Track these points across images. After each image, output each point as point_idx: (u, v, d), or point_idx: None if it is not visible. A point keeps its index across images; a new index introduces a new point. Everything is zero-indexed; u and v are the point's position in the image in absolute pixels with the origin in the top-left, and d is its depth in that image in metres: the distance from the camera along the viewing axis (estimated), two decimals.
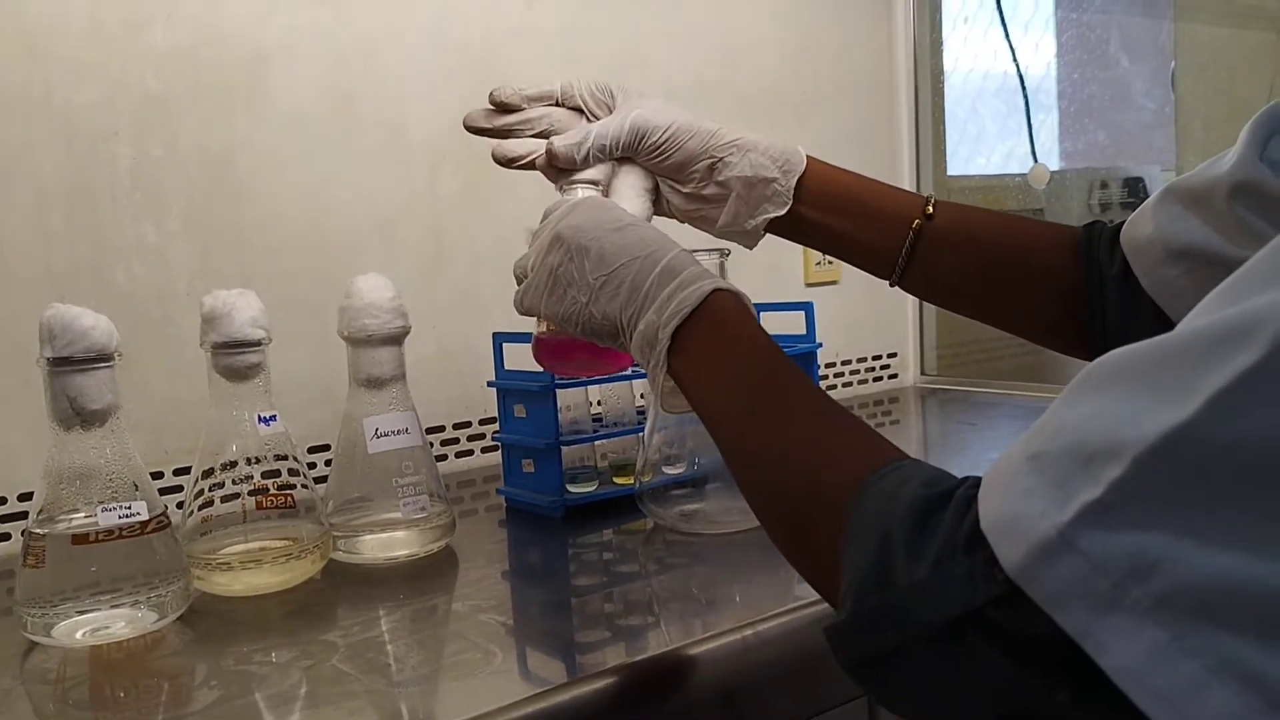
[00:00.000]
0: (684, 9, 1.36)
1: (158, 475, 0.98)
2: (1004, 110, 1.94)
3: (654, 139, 0.70)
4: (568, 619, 0.76)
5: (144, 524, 0.71)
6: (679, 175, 0.72)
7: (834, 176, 0.72)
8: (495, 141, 0.73)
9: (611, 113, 0.72)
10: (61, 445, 0.71)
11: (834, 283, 1.55)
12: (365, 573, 0.84)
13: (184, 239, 1.02)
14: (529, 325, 0.70)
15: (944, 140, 1.72)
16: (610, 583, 0.82)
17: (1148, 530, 0.34)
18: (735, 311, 0.58)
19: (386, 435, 0.84)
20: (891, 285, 0.73)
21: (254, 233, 1.06)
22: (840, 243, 0.72)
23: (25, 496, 0.94)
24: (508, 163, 0.72)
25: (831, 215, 0.71)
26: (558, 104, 0.74)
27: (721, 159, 0.71)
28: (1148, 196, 1.96)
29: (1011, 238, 0.71)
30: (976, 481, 0.42)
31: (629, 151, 0.71)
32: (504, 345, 0.99)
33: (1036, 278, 0.70)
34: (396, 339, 0.85)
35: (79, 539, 0.70)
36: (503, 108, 0.73)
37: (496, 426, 1.03)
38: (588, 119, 0.73)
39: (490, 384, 1.00)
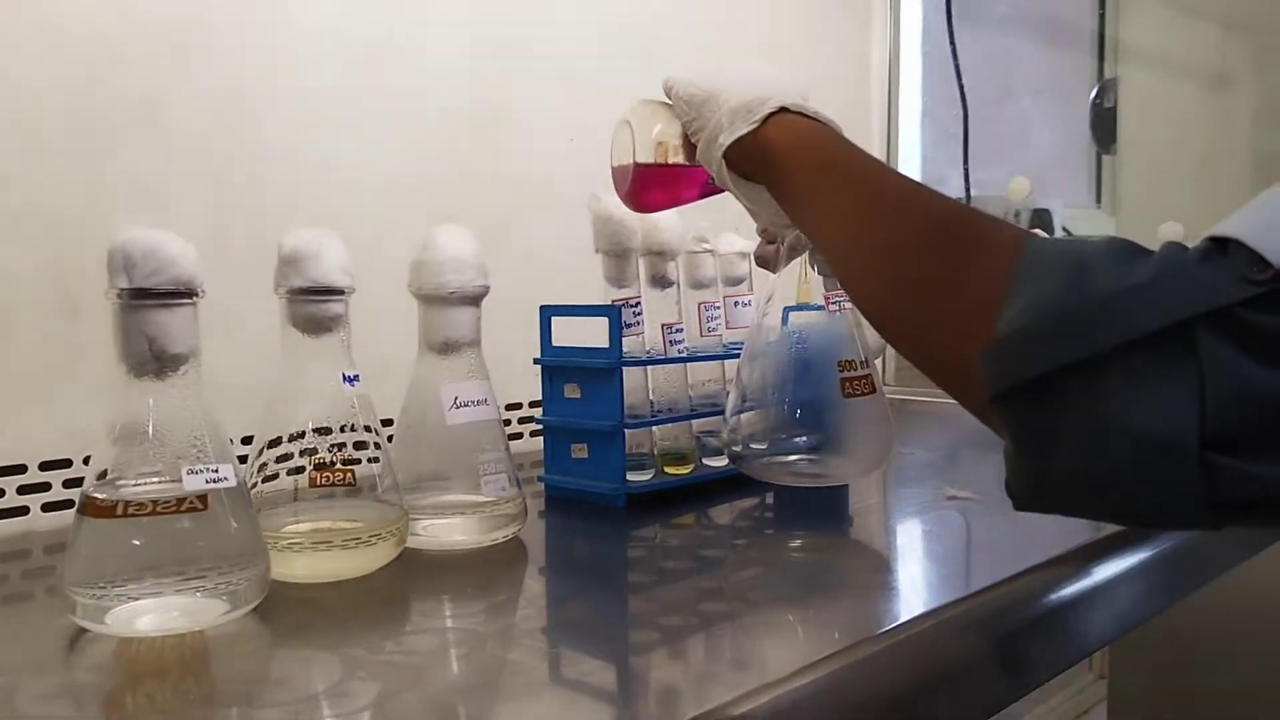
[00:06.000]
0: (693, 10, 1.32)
1: None
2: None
3: None
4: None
5: (231, 492, 0.60)
6: None
7: None
8: None
9: None
10: (130, 396, 0.59)
11: None
12: (431, 560, 0.74)
13: (195, 187, 0.90)
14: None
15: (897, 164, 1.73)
16: (699, 577, 0.74)
17: None
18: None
19: (467, 405, 0.74)
20: None
21: (269, 191, 0.94)
22: None
23: (49, 465, 0.83)
24: None
25: None
26: None
27: None
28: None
29: None
30: None
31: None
32: (552, 320, 0.91)
33: None
34: (477, 299, 0.76)
35: (156, 507, 0.58)
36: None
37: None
38: None
39: (538, 361, 0.92)
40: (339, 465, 0.68)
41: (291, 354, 0.68)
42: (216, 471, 0.59)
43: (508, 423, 1.12)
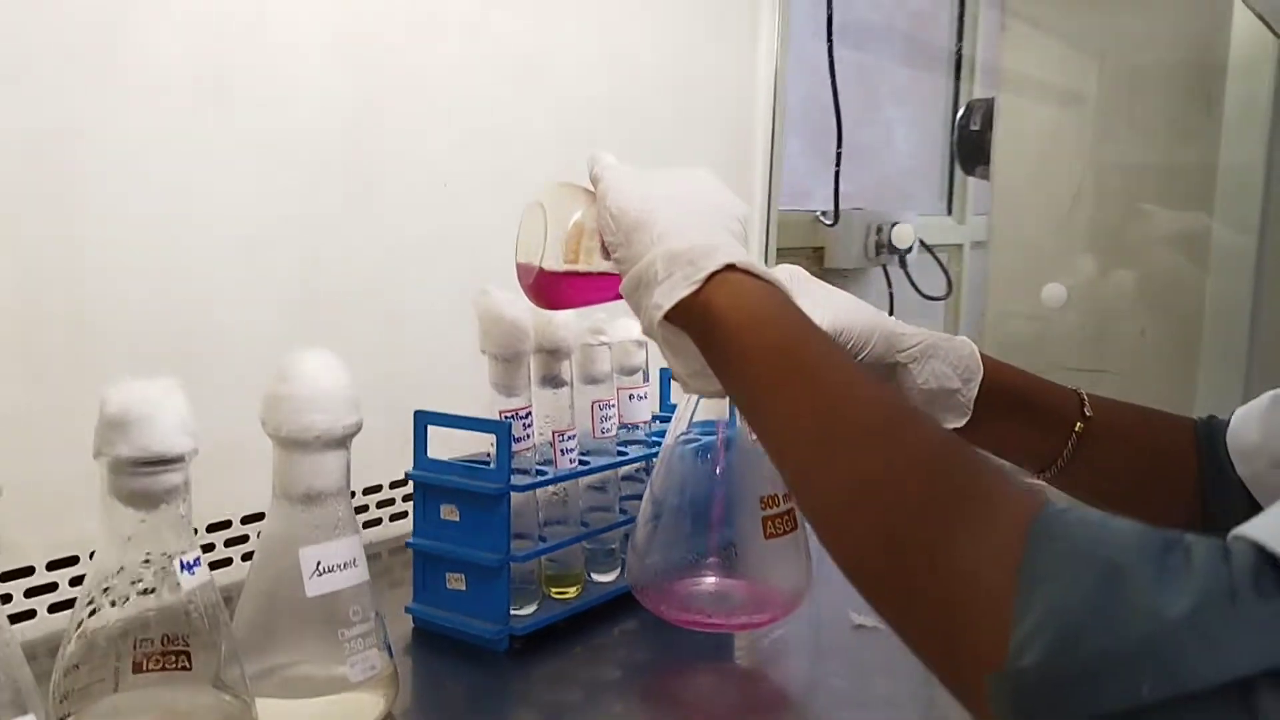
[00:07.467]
0: (579, 25, 1.19)
1: None
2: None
3: (850, 339, 0.68)
4: None
5: None
6: None
7: (1003, 377, 0.71)
8: None
9: None
10: None
11: None
12: None
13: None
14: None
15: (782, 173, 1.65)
16: None
17: None
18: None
19: (331, 571, 0.63)
20: (1043, 479, 0.72)
21: (91, 249, 0.79)
22: (1002, 441, 0.71)
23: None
24: None
25: (1000, 417, 0.71)
26: None
27: (905, 365, 0.70)
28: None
29: (1151, 435, 0.72)
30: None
31: None
32: (428, 428, 0.79)
33: (1174, 476, 0.71)
34: (347, 439, 0.64)
35: None
36: None
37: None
38: None
39: (410, 476, 0.80)
40: (170, 655, 0.56)
41: (113, 531, 0.55)
42: None
43: (363, 509, 1.00)
